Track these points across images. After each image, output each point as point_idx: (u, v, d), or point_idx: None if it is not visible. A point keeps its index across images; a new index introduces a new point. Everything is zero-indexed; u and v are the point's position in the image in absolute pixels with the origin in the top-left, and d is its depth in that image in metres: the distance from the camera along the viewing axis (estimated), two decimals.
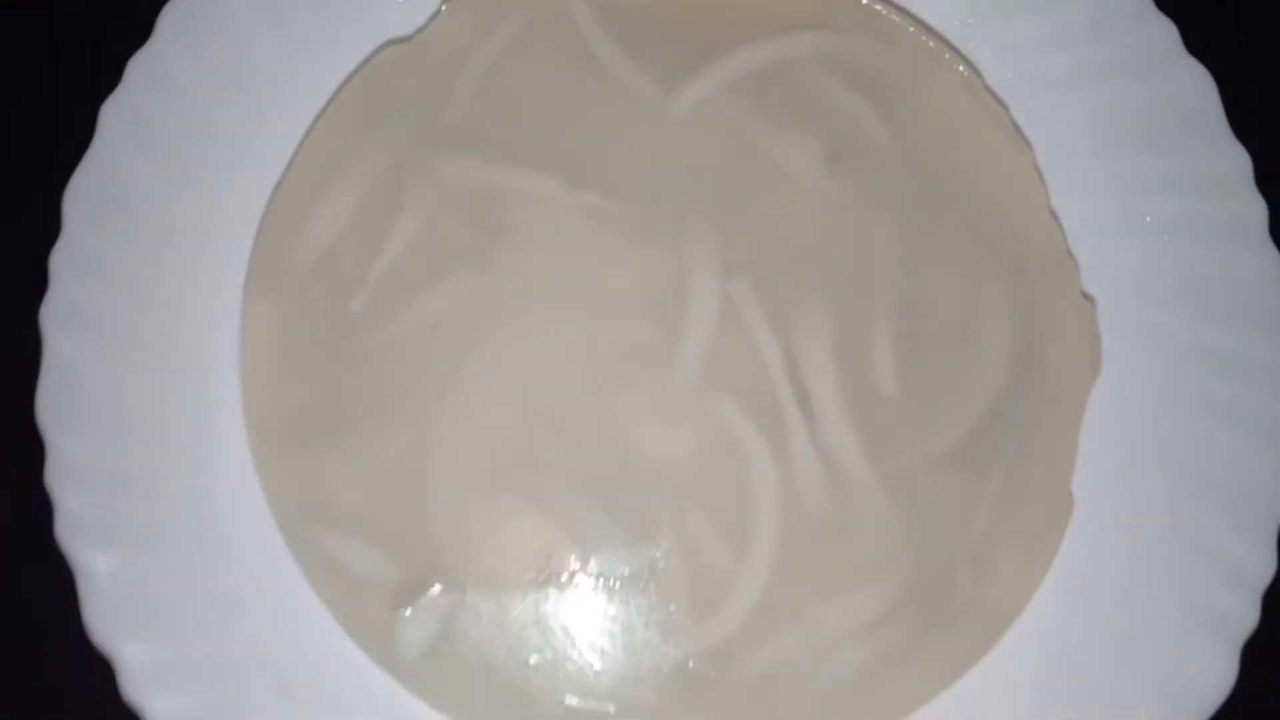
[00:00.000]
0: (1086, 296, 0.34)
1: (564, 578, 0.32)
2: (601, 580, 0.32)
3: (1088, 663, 0.32)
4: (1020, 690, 0.32)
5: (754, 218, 0.34)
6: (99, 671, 0.30)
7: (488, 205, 0.34)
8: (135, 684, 0.30)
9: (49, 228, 0.32)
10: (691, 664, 0.32)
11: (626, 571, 0.32)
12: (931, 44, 0.35)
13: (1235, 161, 0.34)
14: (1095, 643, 0.32)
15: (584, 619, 0.32)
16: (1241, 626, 0.31)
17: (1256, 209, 0.33)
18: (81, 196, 0.32)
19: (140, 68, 0.33)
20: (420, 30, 0.35)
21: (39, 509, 0.31)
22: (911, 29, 0.35)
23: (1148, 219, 0.34)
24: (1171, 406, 0.33)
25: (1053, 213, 0.34)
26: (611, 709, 0.31)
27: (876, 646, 0.32)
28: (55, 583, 0.31)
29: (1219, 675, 0.31)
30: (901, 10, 0.35)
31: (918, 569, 0.32)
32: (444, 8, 0.35)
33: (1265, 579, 0.32)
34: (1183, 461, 0.33)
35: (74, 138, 0.33)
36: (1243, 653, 0.31)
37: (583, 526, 0.32)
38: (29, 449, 0.31)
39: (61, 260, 0.32)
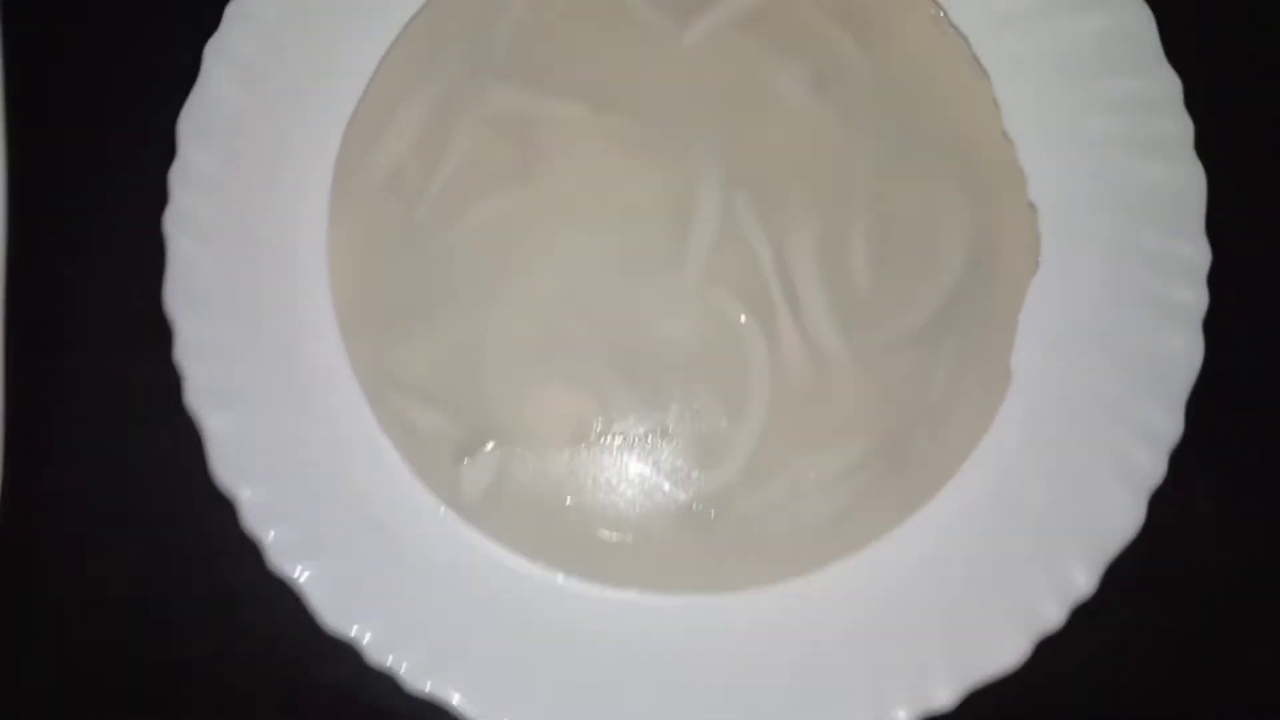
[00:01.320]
0: (1031, 206, 0.36)
1: (593, 436, 0.36)
2: (623, 439, 0.35)
3: (1019, 504, 0.35)
4: (963, 525, 0.35)
5: (752, 135, 0.36)
6: (227, 508, 0.34)
7: (528, 127, 0.36)
8: (251, 519, 0.34)
9: (167, 150, 0.35)
10: (695, 506, 0.35)
11: (643, 432, 0.35)
12: None
13: (1167, 85, 0.36)
14: (1026, 488, 0.35)
15: (609, 469, 0.35)
16: (1151, 477, 0.35)
17: (1184, 127, 0.35)
18: (192, 124, 0.35)
19: (235, 13, 0.36)
20: None
21: (173, 379, 0.35)
22: None
23: (1088, 137, 0.36)
24: (1098, 295, 0.36)
25: (1005, 134, 0.36)
26: (631, 540, 0.35)
27: (847, 492, 0.35)
28: (190, 438, 0.35)
29: (1130, 517, 0.34)
30: None
31: (883, 429, 0.36)
32: None
33: (1173, 439, 0.35)
34: (1106, 341, 0.36)
35: (183, 75, 0.35)
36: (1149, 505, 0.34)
37: (608, 396, 0.36)
38: (162, 332, 0.35)
39: (178, 177, 0.35)
